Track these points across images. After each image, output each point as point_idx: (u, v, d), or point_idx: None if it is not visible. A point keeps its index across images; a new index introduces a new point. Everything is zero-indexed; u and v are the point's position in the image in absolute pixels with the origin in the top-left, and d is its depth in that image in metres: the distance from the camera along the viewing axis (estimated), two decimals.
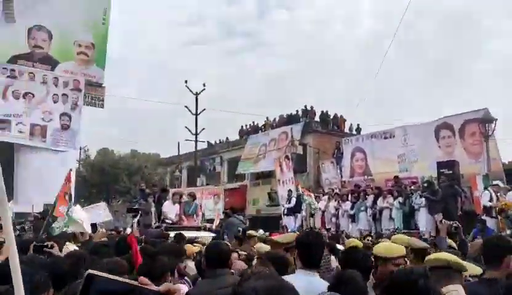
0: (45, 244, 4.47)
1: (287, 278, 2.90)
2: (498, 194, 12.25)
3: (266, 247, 5.07)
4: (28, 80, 11.97)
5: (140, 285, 1.03)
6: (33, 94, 11.85)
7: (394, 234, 9.85)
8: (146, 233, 10.25)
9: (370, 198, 15.70)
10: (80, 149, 39.19)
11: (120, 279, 1.01)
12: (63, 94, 12.34)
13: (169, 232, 9.74)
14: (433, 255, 3.35)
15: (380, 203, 15.06)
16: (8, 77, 11.72)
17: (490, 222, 11.92)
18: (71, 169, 8.88)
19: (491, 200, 12.19)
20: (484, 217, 12.13)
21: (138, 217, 13.08)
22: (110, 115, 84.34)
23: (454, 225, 5.56)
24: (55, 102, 12.21)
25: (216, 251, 3.65)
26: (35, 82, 12.04)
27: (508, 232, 11.18)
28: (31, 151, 11.92)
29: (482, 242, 5.07)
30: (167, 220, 12.10)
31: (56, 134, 12.06)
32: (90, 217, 14.65)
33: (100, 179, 34.53)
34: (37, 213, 12.18)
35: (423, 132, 18.02)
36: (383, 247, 3.64)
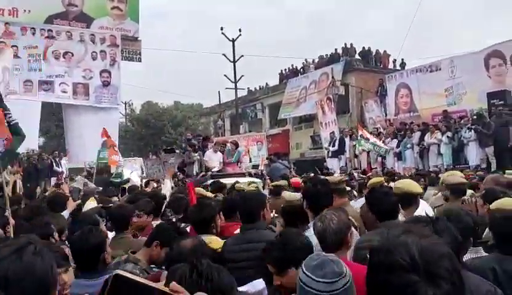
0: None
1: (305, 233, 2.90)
2: None
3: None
4: (66, 40, 12.14)
5: (164, 290, 0.99)
6: (72, 53, 12.05)
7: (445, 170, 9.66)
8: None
9: (417, 134, 15.27)
10: (125, 104, 40.20)
11: (146, 282, 0.98)
12: (101, 51, 12.47)
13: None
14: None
15: (427, 138, 14.62)
16: (46, 37, 11.92)
17: None
18: (104, 128, 9.32)
19: None
20: None
21: (177, 158, 13.42)
22: (151, 68, 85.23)
23: None
24: (93, 59, 12.39)
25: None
26: (73, 41, 12.21)
27: None
28: (77, 110, 12.29)
29: (494, 176, 4.88)
30: (212, 168, 12.32)
31: (99, 91, 12.33)
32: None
33: (146, 132, 35.39)
34: (89, 168, 12.76)
35: (471, 62, 17.03)
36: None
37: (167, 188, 7.17)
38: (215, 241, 3.18)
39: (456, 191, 4.48)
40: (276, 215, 4.36)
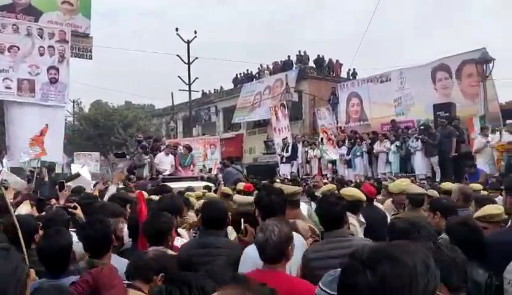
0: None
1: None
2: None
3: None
4: (12, 33, 11.53)
5: None
6: (18, 47, 11.45)
7: (391, 178, 9.95)
8: (138, 186, 10.20)
9: (366, 143, 15.69)
10: (73, 102, 38.79)
11: None
12: (49, 47, 11.93)
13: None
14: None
15: (377, 147, 15.07)
16: None
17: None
18: (47, 124, 8.71)
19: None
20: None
21: (127, 163, 13.08)
22: (103, 67, 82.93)
23: None
24: (41, 55, 11.82)
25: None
26: (19, 34, 11.60)
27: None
28: (21, 107, 11.67)
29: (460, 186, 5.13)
30: (163, 172, 12.08)
31: (45, 89, 11.77)
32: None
33: (94, 131, 34.30)
34: (32, 168, 12.11)
35: (419, 75, 17.70)
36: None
37: (110, 194, 6.64)
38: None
39: (416, 201, 4.61)
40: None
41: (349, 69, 27.23)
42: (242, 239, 3.47)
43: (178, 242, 3.73)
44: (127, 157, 13.49)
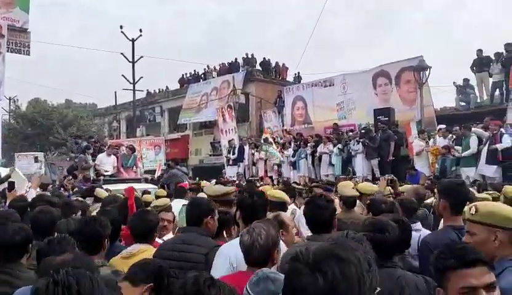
0: None
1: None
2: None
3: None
4: None
5: None
6: None
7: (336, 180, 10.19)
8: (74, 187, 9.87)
9: (310, 145, 16.01)
10: (10, 100, 36.75)
11: None
12: None
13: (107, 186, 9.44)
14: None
15: (320, 149, 15.40)
16: None
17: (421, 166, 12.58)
18: None
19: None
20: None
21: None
22: (43, 64, 79.30)
23: (389, 178, 5.71)
24: None
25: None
26: None
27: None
28: None
29: (415, 187, 5.36)
30: (104, 173, 11.73)
31: None
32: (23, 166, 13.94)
33: (32, 131, 32.72)
34: None
35: (361, 80, 18.32)
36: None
37: (30, 197, 6.23)
38: (150, 250, 3.26)
39: (349, 203, 4.77)
40: None
41: (295, 73, 27.74)
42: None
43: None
44: (67, 158, 12.97)
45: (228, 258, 2.77)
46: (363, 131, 14.89)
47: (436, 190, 4.27)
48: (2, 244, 2.76)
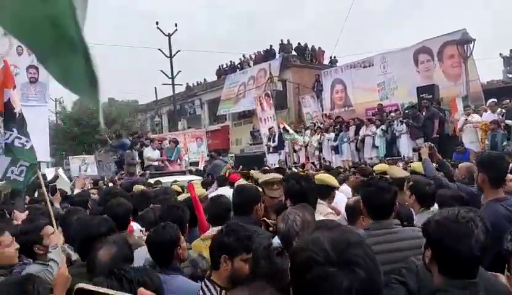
0: None
1: None
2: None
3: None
4: None
5: None
6: None
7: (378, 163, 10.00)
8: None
9: (352, 128, 15.75)
10: (56, 101, 38.13)
11: (110, 292, 0.95)
12: None
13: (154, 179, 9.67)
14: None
15: (363, 131, 15.13)
16: None
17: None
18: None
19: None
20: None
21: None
22: None
23: (430, 145, 5.29)
24: (19, 54, 11.56)
25: None
26: None
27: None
28: None
29: (468, 165, 5.09)
30: (152, 165, 11.99)
31: (25, 89, 11.53)
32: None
33: (78, 130, 33.85)
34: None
35: (401, 58, 17.82)
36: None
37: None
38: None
39: (400, 185, 4.61)
40: None
41: (331, 57, 27.28)
42: None
43: None
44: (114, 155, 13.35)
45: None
46: (406, 110, 14.50)
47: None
48: (89, 236, 2.84)
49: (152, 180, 9.06)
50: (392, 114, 15.29)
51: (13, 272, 3.03)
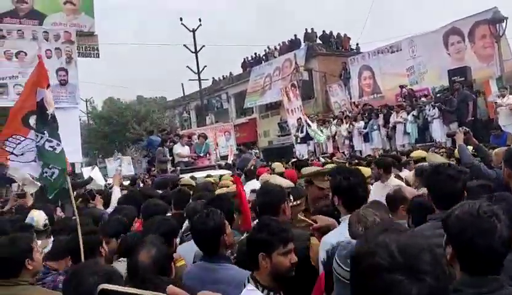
0: None
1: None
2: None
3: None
4: (18, 38, 11.51)
5: None
6: (25, 53, 11.43)
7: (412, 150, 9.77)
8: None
9: (382, 115, 15.46)
10: (86, 102, 39.00)
11: (137, 291, 0.91)
12: (56, 49, 11.87)
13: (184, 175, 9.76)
14: None
15: (393, 118, 14.83)
16: None
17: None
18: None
19: None
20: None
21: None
22: (109, 63, 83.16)
23: (465, 130, 5.06)
24: (48, 57, 11.76)
25: None
26: (25, 39, 11.57)
27: None
28: None
29: (505, 150, 4.86)
30: (182, 161, 12.08)
31: (56, 91, 11.73)
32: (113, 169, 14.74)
33: (109, 129, 34.54)
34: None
35: (430, 41, 17.34)
36: None
37: (115, 196, 6.18)
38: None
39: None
40: None
41: (357, 43, 26.87)
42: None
43: None
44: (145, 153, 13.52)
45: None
46: (438, 94, 14.12)
47: None
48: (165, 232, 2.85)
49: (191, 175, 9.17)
50: (423, 98, 14.93)
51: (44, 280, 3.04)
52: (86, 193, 6.89)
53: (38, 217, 4.63)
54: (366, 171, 4.19)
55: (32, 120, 4.20)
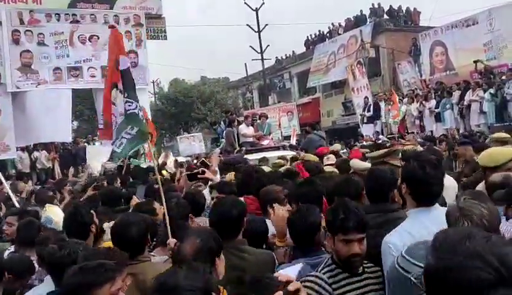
0: None
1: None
2: None
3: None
4: (91, 23, 12.01)
5: None
6: (98, 36, 11.91)
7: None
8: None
9: (456, 94, 14.60)
10: (153, 83, 40.21)
11: None
12: (126, 32, 12.25)
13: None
14: None
15: (468, 96, 13.95)
16: (71, 22, 11.82)
17: None
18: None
19: None
20: None
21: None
22: (173, 44, 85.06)
23: None
24: None
25: None
26: (97, 23, 12.07)
27: None
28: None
29: None
30: (247, 141, 12.12)
31: None
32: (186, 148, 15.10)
33: (175, 109, 35.45)
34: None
35: (510, 13, 16.03)
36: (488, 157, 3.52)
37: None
38: None
39: None
40: None
41: (430, 17, 25.46)
42: None
43: None
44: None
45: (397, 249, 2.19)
46: None
47: None
48: (221, 218, 2.77)
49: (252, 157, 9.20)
50: (502, 75, 13.90)
51: None
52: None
53: (57, 218, 4.09)
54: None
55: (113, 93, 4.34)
